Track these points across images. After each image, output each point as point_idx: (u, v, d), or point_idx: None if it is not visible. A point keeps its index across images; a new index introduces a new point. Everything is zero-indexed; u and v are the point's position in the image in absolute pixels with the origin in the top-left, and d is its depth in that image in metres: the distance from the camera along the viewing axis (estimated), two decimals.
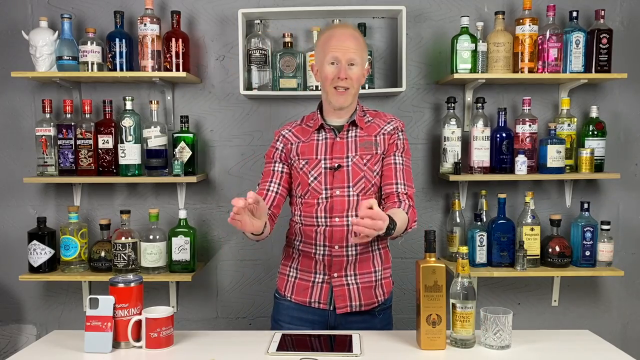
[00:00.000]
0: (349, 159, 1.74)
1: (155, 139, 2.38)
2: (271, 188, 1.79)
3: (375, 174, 1.76)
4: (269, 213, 1.74)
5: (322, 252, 1.75)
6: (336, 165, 1.73)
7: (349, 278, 1.76)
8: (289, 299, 1.82)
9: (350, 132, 1.77)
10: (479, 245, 2.37)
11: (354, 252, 1.75)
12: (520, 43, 2.35)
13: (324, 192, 1.73)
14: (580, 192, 2.56)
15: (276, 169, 1.81)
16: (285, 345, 1.54)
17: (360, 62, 1.72)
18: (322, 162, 1.74)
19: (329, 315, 1.78)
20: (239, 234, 2.56)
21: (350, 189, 1.73)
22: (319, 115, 1.79)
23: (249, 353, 1.50)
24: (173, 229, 2.38)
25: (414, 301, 1.56)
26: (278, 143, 1.82)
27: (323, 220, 1.74)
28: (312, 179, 1.74)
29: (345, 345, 1.54)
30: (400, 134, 1.80)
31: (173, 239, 2.35)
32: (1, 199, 2.57)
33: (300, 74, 2.40)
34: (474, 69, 2.35)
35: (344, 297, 1.76)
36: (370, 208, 1.43)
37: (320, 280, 1.77)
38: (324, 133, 1.78)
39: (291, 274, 1.83)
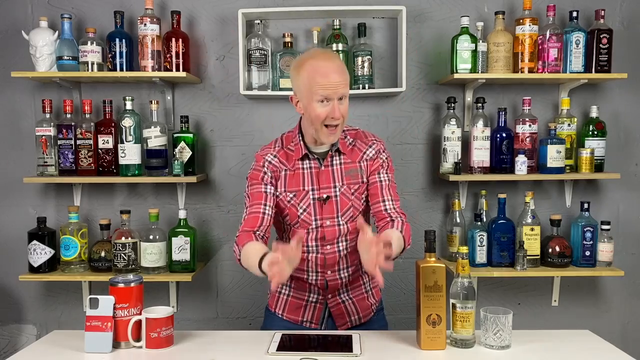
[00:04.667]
0: (337, 189, 1.70)
1: (155, 139, 2.38)
2: (267, 212, 1.69)
3: (362, 202, 1.73)
4: (264, 237, 1.68)
5: (314, 277, 1.75)
6: (325, 196, 1.70)
7: (342, 295, 1.77)
8: (280, 315, 1.80)
9: (334, 159, 1.72)
10: (479, 245, 2.37)
11: (346, 274, 1.75)
12: (520, 43, 2.35)
13: (313, 222, 1.70)
14: (580, 192, 2.56)
15: (268, 191, 1.70)
16: (285, 345, 1.54)
17: (347, 93, 1.64)
18: (310, 193, 1.70)
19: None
20: None
21: (340, 219, 1.71)
22: (301, 143, 1.71)
23: (249, 353, 1.50)
24: (173, 229, 2.38)
25: (414, 301, 1.56)
26: (265, 168, 1.72)
27: (314, 248, 1.72)
28: (301, 211, 1.70)
29: (345, 345, 1.54)
30: (382, 155, 1.75)
31: (173, 239, 2.35)
32: (1, 199, 2.57)
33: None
34: (474, 69, 2.35)
35: (343, 315, 1.77)
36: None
37: (314, 300, 1.77)
38: (308, 162, 1.72)
39: (283, 291, 1.80)
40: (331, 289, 1.75)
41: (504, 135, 2.40)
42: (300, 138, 1.72)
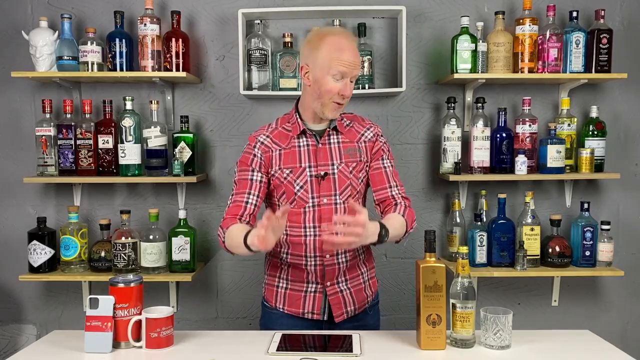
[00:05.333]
0: (335, 167, 1.71)
1: (155, 139, 2.38)
2: (250, 200, 1.70)
3: (360, 181, 1.74)
4: (249, 224, 1.69)
5: (313, 263, 1.73)
6: (322, 173, 1.70)
7: (341, 285, 1.76)
8: (280, 309, 1.78)
9: (331, 137, 1.74)
10: (479, 245, 2.37)
11: (344, 259, 1.74)
12: (520, 43, 2.35)
13: (310, 200, 1.70)
14: (580, 192, 2.56)
15: (254, 178, 1.71)
16: (285, 345, 1.54)
17: (357, 76, 1.71)
18: (307, 170, 1.70)
19: (323, 326, 1.77)
20: None
21: (337, 197, 1.70)
22: (299, 120, 1.73)
23: (249, 353, 1.50)
24: (173, 229, 2.38)
25: (414, 301, 1.56)
26: (256, 150, 1.73)
27: (312, 229, 1.70)
28: (298, 187, 1.70)
29: (345, 345, 1.54)
30: (381, 138, 1.79)
31: (173, 239, 2.35)
32: (1, 199, 2.57)
33: (300, 74, 2.40)
34: (474, 69, 2.35)
35: (340, 305, 1.76)
36: (354, 215, 1.46)
37: (313, 290, 1.75)
38: (305, 139, 1.73)
39: (281, 284, 1.78)
40: (329, 275, 1.73)
41: (504, 135, 2.40)
42: (298, 116, 1.74)
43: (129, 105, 2.37)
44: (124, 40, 2.35)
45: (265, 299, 1.84)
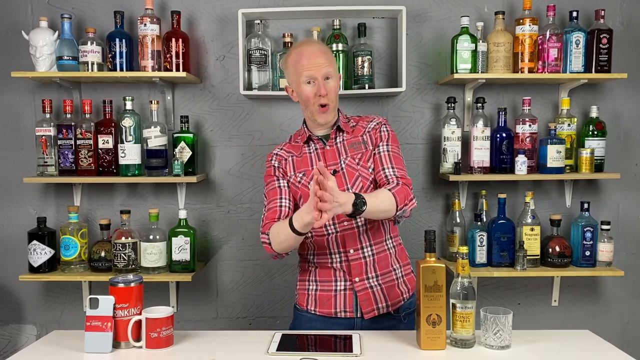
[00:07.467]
0: (342, 163, 1.76)
1: (155, 139, 2.38)
2: (284, 204, 1.77)
3: (370, 170, 1.77)
4: None
5: (338, 259, 1.74)
6: (332, 171, 1.74)
7: (370, 280, 1.74)
8: (312, 312, 1.78)
9: (337, 138, 1.80)
10: (479, 245, 2.37)
11: (370, 253, 1.75)
12: (520, 43, 2.35)
13: None
14: (580, 192, 2.56)
15: (281, 185, 1.79)
16: (285, 345, 1.54)
17: (335, 74, 1.76)
18: None
19: (355, 323, 1.75)
20: (239, 234, 2.56)
21: (350, 190, 1.73)
22: (305, 129, 1.83)
23: (249, 353, 1.50)
24: (173, 229, 2.38)
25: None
26: (273, 161, 1.83)
27: (332, 227, 1.73)
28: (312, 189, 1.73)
29: (345, 345, 1.54)
30: (383, 127, 1.81)
31: (173, 239, 2.35)
32: (1, 199, 2.57)
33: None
34: (474, 69, 2.35)
35: (370, 301, 1.74)
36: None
37: (343, 288, 1.75)
38: (312, 145, 1.81)
39: (311, 286, 1.79)
40: (356, 270, 1.73)
41: (504, 135, 2.40)
42: (305, 127, 1.83)
43: (129, 105, 2.37)
44: (124, 40, 2.35)
45: (297, 302, 1.85)
